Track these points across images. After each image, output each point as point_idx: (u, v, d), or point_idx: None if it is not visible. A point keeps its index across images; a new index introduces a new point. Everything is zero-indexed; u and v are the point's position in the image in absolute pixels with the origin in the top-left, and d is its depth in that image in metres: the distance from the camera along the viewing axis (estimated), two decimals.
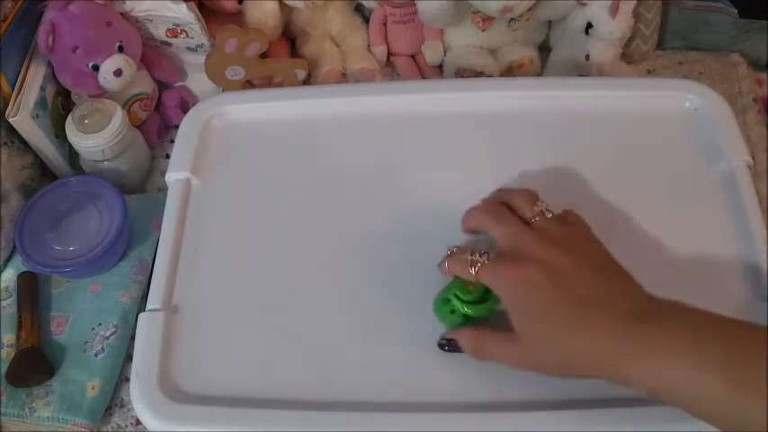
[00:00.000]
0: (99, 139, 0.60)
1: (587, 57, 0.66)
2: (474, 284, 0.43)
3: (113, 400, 0.54)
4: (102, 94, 0.63)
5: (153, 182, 0.67)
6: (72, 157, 0.65)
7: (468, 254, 0.42)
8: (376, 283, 0.48)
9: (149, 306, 0.48)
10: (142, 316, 0.47)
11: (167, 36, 0.66)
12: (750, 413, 0.32)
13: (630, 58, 0.71)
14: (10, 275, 0.59)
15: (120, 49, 0.62)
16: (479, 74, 0.69)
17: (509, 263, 0.40)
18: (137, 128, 0.66)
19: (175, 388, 0.44)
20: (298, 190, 0.54)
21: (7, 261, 0.60)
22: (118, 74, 0.61)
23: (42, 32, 0.59)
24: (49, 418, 0.52)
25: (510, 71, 0.70)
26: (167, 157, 0.69)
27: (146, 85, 0.67)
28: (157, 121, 0.69)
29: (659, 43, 0.73)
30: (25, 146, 0.62)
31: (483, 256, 0.42)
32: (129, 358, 0.55)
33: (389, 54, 0.75)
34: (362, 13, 0.75)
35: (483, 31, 0.70)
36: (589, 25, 0.65)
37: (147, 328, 0.47)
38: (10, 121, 0.58)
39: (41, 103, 0.61)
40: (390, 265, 0.49)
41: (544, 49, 0.73)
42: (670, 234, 0.48)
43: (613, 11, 0.63)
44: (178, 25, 0.65)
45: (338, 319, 0.47)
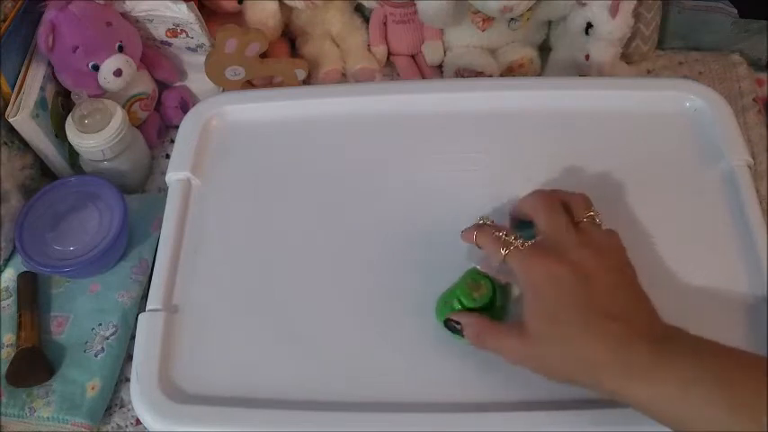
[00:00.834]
0: (99, 138, 0.60)
1: (587, 57, 0.66)
2: (480, 291, 0.43)
3: (113, 400, 0.54)
4: (103, 93, 0.63)
5: (153, 182, 0.67)
6: (72, 157, 0.65)
7: (503, 233, 0.42)
8: (376, 283, 0.48)
9: (149, 306, 0.48)
10: (142, 316, 0.47)
11: (167, 36, 0.66)
12: None
13: (630, 58, 0.71)
14: (10, 275, 0.59)
15: (121, 49, 0.62)
16: (479, 74, 0.69)
17: (545, 254, 0.40)
18: (137, 128, 0.66)
19: (176, 388, 0.44)
20: (298, 190, 0.54)
21: (7, 261, 0.60)
22: (118, 74, 0.61)
23: (42, 32, 0.59)
24: (49, 418, 0.52)
25: (510, 71, 0.70)
26: (167, 157, 0.69)
27: (146, 85, 0.67)
28: (157, 121, 0.69)
29: (659, 43, 0.73)
30: (25, 146, 0.62)
31: (518, 240, 0.41)
32: (129, 358, 0.55)
33: (389, 54, 0.75)
34: (362, 13, 0.75)
35: (483, 31, 0.70)
36: (589, 25, 0.65)
37: (148, 328, 0.47)
38: (10, 120, 0.58)
39: (41, 102, 0.61)
40: (391, 265, 0.49)
41: (544, 49, 0.73)
42: (670, 234, 0.48)
43: (613, 11, 0.63)
44: (178, 25, 0.65)
45: (338, 319, 0.47)
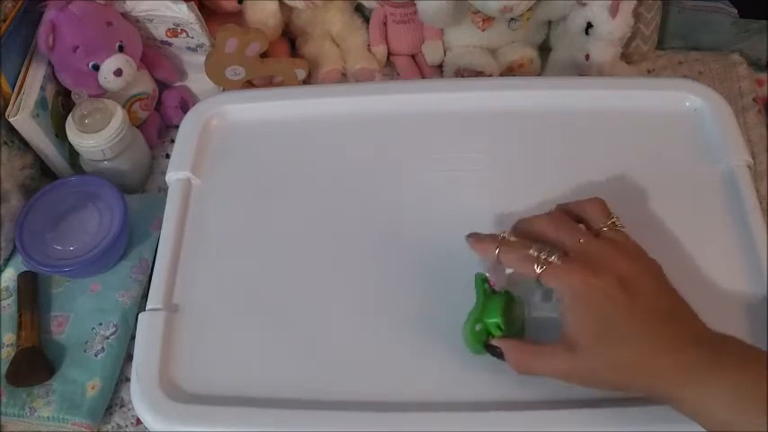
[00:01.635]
0: (99, 138, 0.60)
1: (587, 57, 0.66)
2: (515, 314, 0.42)
3: (113, 399, 0.54)
4: (103, 93, 0.63)
5: (153, 181, 0.67)
6: (72, 156, 0.65)
7: (534, 250, 0.40)
8: (376, 283, 0.48)
9: (150, 306, 0.48)
10: (143, 315, 0.47)
11: (167, 36, 0.66)
12: None
13: (630, 58, 0.71)
14: (10, 275, 0.59)
15: (121, 49, 0.62)
16: (479, 74, 0.69)
17: (581, 268, 0.38)
18: (137, 127, 0.66)
19: (176, 387, 0.44)
20: (298, 189, 0.54)
21: (7, 261, 0.60)
22: (118, 74, 0.61)
23: (42, 32, 0.59)
24: (49, 417, 0.52)
25: (510, 71, 0.70)
26: (167, 156, 0.69)
27: (146, 85, 0.67)
28: (158, 120, 0.69)
29: (659, 43, 0.73)
30: (25, 145, 0.62)
31: (550, 255, 0.39)
32: (129, 358, 0.55)
33: (389, 54, 0.75)
34: (363, 13, 0.75)
35: (483, 31, 0.70)
36: (589, 25, 0.65)
37: (148, 327, 0.47)
38: (10, 120, 0.58)
39: (42, 102, 0.61)
40: (391, 265, 0.49)
41: (544, 49, 0.73)
42: (670, 234, 0.49)
43: (613, 11, 0.63)
44: (178, 25, 0.65)
45: (339, 319, 0.47)
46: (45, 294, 0.58)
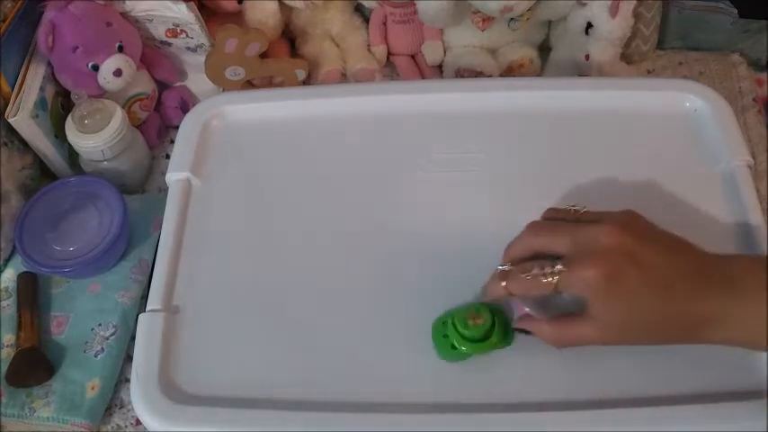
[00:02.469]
0: (99, 139, 0.60)
1: (587, 57, 0.66)
2: (477, 321, 0.42)
3: (113, 400, 0.54)
4: (102, 94, 0.63)
5: (153, 182, 0.67)
6: (72, 157, 0.65)
7: (536, 268, 0.41)
8: (376, 283, 0.48)
9: (150, 306, 0.48)
10: (142, 316, 0.47)
11: (167, 36, 0.66)
12: None
13: (630, 58, 0.71)
14: (10, 275, 0.59)
15: (120, 49, 0.62)
16: (479, 74, 0.69)
17: (591, 262, 0.39)
18: (137, 128, 0.66)
19: (176, 388, 0.44)
20: (298, 190, 0.54)
21: (7, 261, 0.60)
22: (118, 74, 0.61)
23: (42, 32, 0.59)
24: (48, 418, 0.52)
25: (510, 71, 0.70)
26: (167, 157, 0.69)
27: (145, 86, 0.67)
28: (157, 121, 0.69)
29: (659, 43, 0.73)
30: (25, 146, 0.62)
31: (555, 266, 0.40)
32: (128, 359, 0.55)
33: (389, 54, 0.75)
34: (362, 13, 0.75)
35: (483, 31, 0.70)
36: (589, 25, 0.65)
37: (148, 328, 0.47)
38: (10, 121, 0.58)
39: (41, 103, 0.61)
40: (391, 265, 0.49)
41: (544, 49, 0.73)
42: None
43: (613, 11, 0.63)
44: (178, 25, 0.65)
45: (338, 320, 0.47)
46: (45, 295, 0.58)
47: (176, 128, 0.58)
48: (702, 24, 0.71)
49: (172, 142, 0.67)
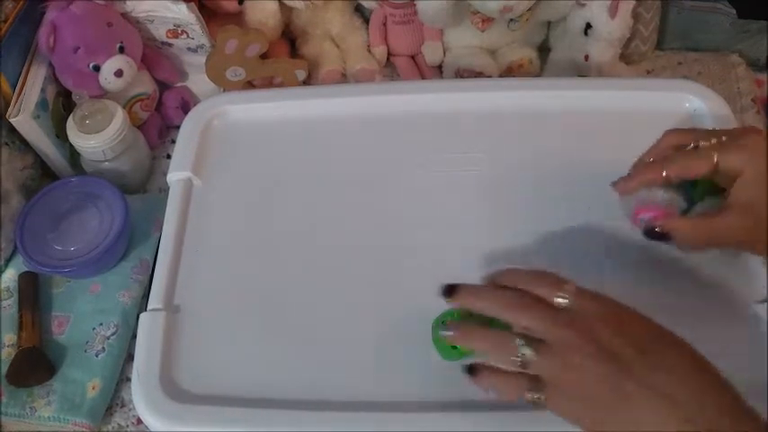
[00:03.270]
0: (100, 139, 0.60)
1: (586, 57, 0.67)
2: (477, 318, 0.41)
3: (114, 399, 0.54)
4: (103, 94, 0.63)
5: (154, 182, 0.67)
6: (73, 157, 0.65)
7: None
8: (376, 283, 0.48)
9: (150, 306, 0.48)
10: (143, 316, 0.47)
11: (168, 37, 0.66)
12: None
13: (630, 58, 0.71)
14: (11, 275, 0.59)
15: (121, 50, 0.62)
16: (479, 74, 0.69)
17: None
18: (137, 128, 0.66)
19: (177, 388, 0.45)
20: (298, 190, 0.54)
21: (8, 261, 0.60)
22: (119, 74, 0.61)
23: (43, 33, 0.59)
24: (49, 417, 0.52)
25: (510, 71, 0.71)
26: (168, 157, 0.69)
27: (146, 86, 0.67)
28: (158, 121, 0.70)
29: (658, 44, 0.73)
30: (26, 146, 0.62)
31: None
32: (129, 358, 0.55)
33: (389, 54, 0.75)
34: (362, 14, 0.75)
35: (483, 31, 0.70)
36: (588, 26, 0.65)
37: (149, 327, 0.47)
38: (11, 121, 0.58)
39: (42, 103, 0.61)
40: (390, 265, 0.49)
41: (543, 50, 0.73)
42: None
43: (612, 11, 0.63)
44: (179, 26, 0.65)
45: (339, 320, 0.47)
46: (46, 295, 0.58)
47: (177, 128, 0.58)
48: (701, 25, 0.71)
49: (173, 142, 0.67)
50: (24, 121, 0.59)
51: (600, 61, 0.66)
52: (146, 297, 0.50)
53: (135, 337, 0.48)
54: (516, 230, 0.50)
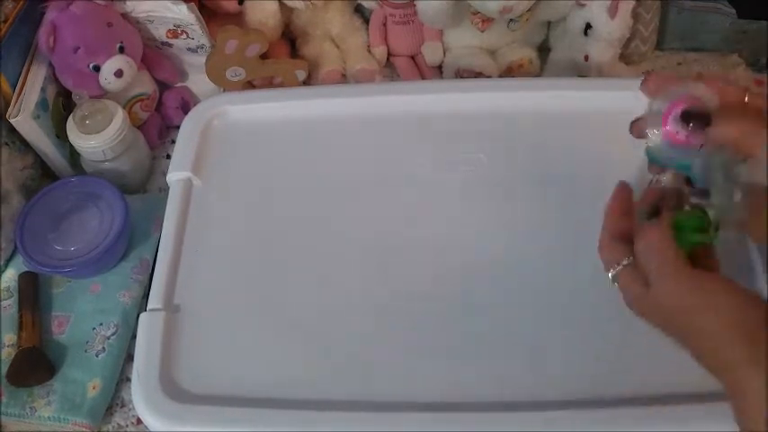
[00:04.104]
0: (100, 139, 0.60)
1: (586, 57, 0.67)
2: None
3: (114, 399, 0.54)
4: (103, 94, 0.63)
5: (154, 182, 0.68)
6: (73, 157, 0.65)
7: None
8: (376, 283, 0.48)
9: (150, 306, 0.48)
10: (143, 316, 0.47)
11: (168, 37, 0.67)
12: None
13: (629, 58, 0.71)
14: (11, 275, 0.59)
15: (121, 50, 0.62)
16: (479, 74, 0.69)
17: None
18: (137, 128, 0.66)
19: (176, 388, 0.45)
20: (298, 190, 0.54)
21: (8, 261, 0.60)
22: (119, 74, 0.61)
23: (43, 33, 0.59)
24: (49, 417, 0.52)
25: (509, 72, 0.71)
26: (168, 157, 0.69)
27: (146, 86, 0.67)
28: (158, 121, 0.70)
29: (658, 44, 0.73)
30: (26, 146, 0.62)
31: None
32: (129, 358, 0.55)
33: (389, 55, 0.75)
34: (362, 14, 0.75)
35: (482, 31, 0.70)
36: (588, 26, 0.65)
37: (149, 327, 0.47)
38: (11, 121, 0.58)
39: (42, 103, 0.61)
40: (391, 265, 0.49)
41: (543, 50, 0.73)
42: None
43: (612, 11, 0.63)
44: (179, 26, 0.65)
45: (339, 319, 0.47)
46: (46, 295, 0.58)
47: (177, 128, 0.58)
48: (701, 25, 0.71)
49: (172, 142, 0.67)
50: (24, 121, 0.59)
51: (600, 61, 0.66)
52: (146, 297, 0.50)
53: (135, 337, 0.48)
54: (516, 230, 0.50)
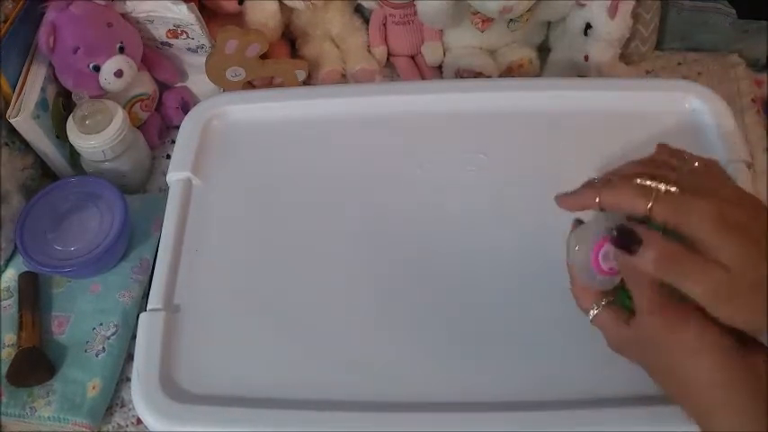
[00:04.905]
0: (100, 139, 0.60)
1: (586, 57, 0.67)
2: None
3: (114, 399, 0.55)
4: (103, 94, 0.63)
5: (154, 182, 0.68)
6: (73, 157, 0.65)
7: (642, 179, 0.35)
8: (377, 283, 0.48)
9: (150, 306, 0.48)
10: (143, 316, 0.47)
11: (168, 37, 0.67)
12: None
13: (629, 58, 0.71)
14: (11, 275, 0.59)
15: (121, 50, 0.62)
16: (479, 74, 0.69)
17: (706, 195, 0.34)
18: (137, 128, 0.66)
19: (176, 388, 0.45)
20: (298, 190, 0.54)
21: (8, 261, 0.60)
22: (119, 74, 0.61)
23: (43, 33, 0.59)
24: (49, 417, 0.52)
25: (509, 72, 0.71)
26: (168, 157, 0.69)
27: (146, 86, 0.67)
28: (158, 121, 0.70)
29: (658, 44, 0.73)
30: (26, 146, 0.62)
31: (664, 185, 0.35)
32: (129, 358, 0.55)
33: (389, 55, 0.75)
34: (362, 14, 0.75)
35: (482, 31, 0.70)
36: (588, 26, 0.65)
37: (149, 327, 0.47)
38: (11, 121, 0.58)
39: (42, 103, 0.61)
40: (391, 265, 0.49)
41: (543, 50, 0.73)
42: None
43: (612, 11, 0.63)
44: (179, 26, 0.65)
45: (339, 319, 0.47)
46: (46, 295, 0.58)
47: (177, 128, 0.58)
48: (701, 25, 0.71)
49: (172, 142, 0.67)
50: (24, 121, 0.59)
51: (600, 61, 0.66)
52: (146, 297, 0.50)
53: (135, 337, 0.48)
54: (516, 230, 0.50)
